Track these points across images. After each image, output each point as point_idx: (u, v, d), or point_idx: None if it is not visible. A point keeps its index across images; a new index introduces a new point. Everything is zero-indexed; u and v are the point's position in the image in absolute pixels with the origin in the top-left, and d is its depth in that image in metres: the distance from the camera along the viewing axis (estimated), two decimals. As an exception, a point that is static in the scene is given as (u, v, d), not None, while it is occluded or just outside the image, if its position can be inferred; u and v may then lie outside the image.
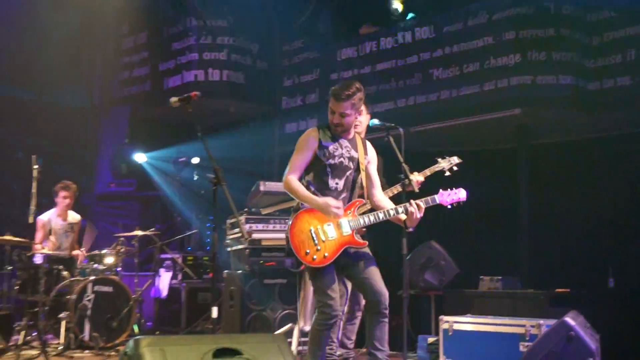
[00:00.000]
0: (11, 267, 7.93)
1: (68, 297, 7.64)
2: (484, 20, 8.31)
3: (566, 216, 8.46)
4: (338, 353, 5.90)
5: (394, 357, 7.14)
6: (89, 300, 7.62)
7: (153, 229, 9.15)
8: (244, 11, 10.27)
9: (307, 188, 4.92)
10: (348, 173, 4.98)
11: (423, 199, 4.98)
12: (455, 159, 5.91)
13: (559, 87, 7.92)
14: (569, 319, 5.17)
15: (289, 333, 7.09)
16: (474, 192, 8.02)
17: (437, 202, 5.04)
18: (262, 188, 7.35)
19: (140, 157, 11.36)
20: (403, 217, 4.95)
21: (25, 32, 10.74)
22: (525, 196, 8.37)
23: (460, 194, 5.13)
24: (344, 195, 4.95)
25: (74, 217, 8.77)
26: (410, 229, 5.01)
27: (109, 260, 8.15)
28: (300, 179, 4.95)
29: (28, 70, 10.77)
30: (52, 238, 8.49)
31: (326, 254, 4.72)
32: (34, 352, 6.81)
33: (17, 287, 7.84)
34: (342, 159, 4.94)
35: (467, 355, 6.73)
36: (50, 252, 8.05)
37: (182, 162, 10.58)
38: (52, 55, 10.76)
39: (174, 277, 9.48)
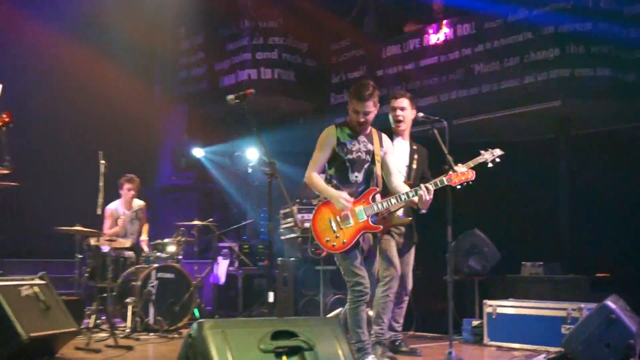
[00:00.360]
0: (81, 256, 8.07)
1: (134, 283, 7.72)
2: (524, 16, 8.18)
3: (605, 202, 8.30)
4: (387, 335, 5.89)
5: (440, 339, 7.12)
6: (153, 286, 7.69)
7: (211, 219, 9.23)
8: (293, 12, 10.27)
9: (330, 182, 5.09)
10: (366, 166, 5.09)
11: (432, 182, 5.10)
12: (498, 151, 5.82)
13: (597, 79, 7.76)
14: (609, 303, 5.09)
15: (339, 317, 7.11)
16: (516, 181, 7.99)
17: (446, 183, 5.12)
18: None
19: (198, 152, 11.47)
20: (417, 199, 5.04)
21: (92, 35, 10.92)
22: (566, 184, 8.24)
23: (468, 174, 5.15)
24: (363, 186, 5.08)
25: (138, 204, 8.86)
26: (423, 211, 5.24)
27: (171, 248, 8.24)
28: (323, 174, 5.13)
29: (94, 71, 10.94)
30: (119, 226, 8.60)
31: (344, 240, 4.91)
32: (104, 334, 6.88)
33: (87, 274, 7.97)
34: (359, 154, 5.06)
35: (510, 337, 6.69)
36: (115, 240, 8.16)
37: (237, 156, 10.67)
38: (117, 58, 10.94)
39: (231, 264, 9.55)
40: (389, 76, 9.55)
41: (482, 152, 5.81)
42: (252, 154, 10.66)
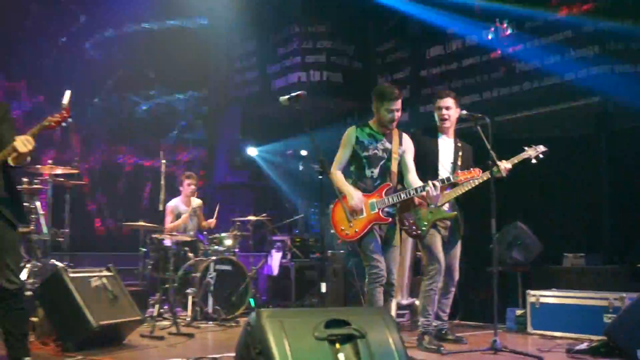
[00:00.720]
0: (145, 249, 8.18)
1: (193, 275, 7.78)
2: (564, 15, 8.01)
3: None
4: (434, 324, 5.83)
5: (484, 328, 7.04)
6: (211, 277, 7.74)
7: (264, 214, 9.27)
8: (340, 17, 10.24)
9: (350, 177, 5.33)
10: (382, 163, 5.29)
11: (439, 179, 5.28)
12: (542, 147, 5.73)
13: (637, 76, 7.55)
14: (651, 292, 4.97)
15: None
16: (557, 174, 7.83)
17: (452, 180, 5.30)
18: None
19: (252, 151, 11.53)
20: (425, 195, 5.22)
21: (152, 43, 11.08)
22: (606, 177, 8.05)
23: (474, 173, 5.26)
24: (378, 181, 5.28)
25: (196, 202, 8.95)
26: (432, 205, 5.54)
27: (228, 242, 8.31)
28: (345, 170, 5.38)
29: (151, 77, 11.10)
30: (181, 220, 8.70)
31: (356, 230, 5.18)
32: (167, 322, 6.97)
33: (150, 266, 8.07)
34: (376, 151, 5.28)
35: (552, 326, 6.58)
36: (177, 235, 8.25)
37: (289, 155, 10.69)
38: (175, 64, 11.09)
39: (284, 256, 9.57)
40: (433, 76, 9.45)
41: (526, 148, 5.73)
42: (302, 152, 10.67)
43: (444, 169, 5.85)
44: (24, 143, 4.10)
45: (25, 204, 7.13)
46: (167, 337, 6.31)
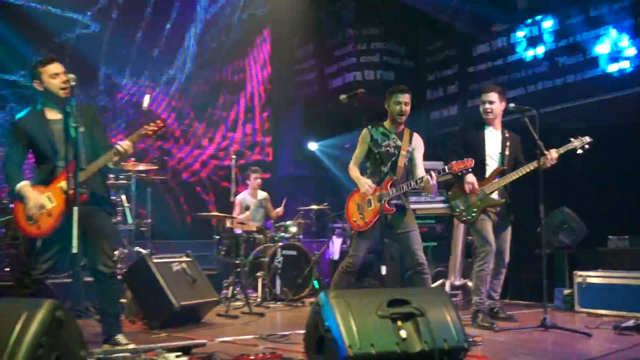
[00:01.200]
0: (218, 237, 8.31)
1: (262, 259, 7.87)
2: (605, 10, 7.79)
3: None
4: (487, 303, 5.78)
5: (532, 306, 6.94)
6: (278, 262, 7.81)
7: (325, 203, 9.30)
8: (392, 19, 10.18)
9: (365, 171, 5.46)
10: (393, 159, 5.35)
11: (436, 170, 5.17)
12: (587, 139, 5.60)
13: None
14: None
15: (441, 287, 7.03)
16: (601, 162, 7.64)
17: (447, 171, 5.21)
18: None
19: (312, 146, 11.57)
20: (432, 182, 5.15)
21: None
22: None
23: (467, 163, 5.14)
24: (389, 176, 5.32)
25: (262, 194, 9.05)
26: (433, 195, 5.75)
27: (293, 229, 8.37)
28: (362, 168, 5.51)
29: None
30: (247, 213, 8.81)
31: (366, 220, 5.30)
32: (239, 303, 7.07)
33: (223, 252, 8.19)
34: (388, 148, 5.36)
35: (599, 305, 6.45)
36: (246, 224, 8.36)
37: (347, 148, 10.66)
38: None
39: (344, 242, 9.57)
40: (480, 72, 9.31)
41: (572, 139, 5.61)
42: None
43: (492, 159, 5.79)
44: (125, 148, 4.27)
45: (112, 197, 7.36)
46: (241, 316, 6.40)
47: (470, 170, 5.28)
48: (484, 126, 5.89)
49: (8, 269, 6.91)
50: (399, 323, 3.30)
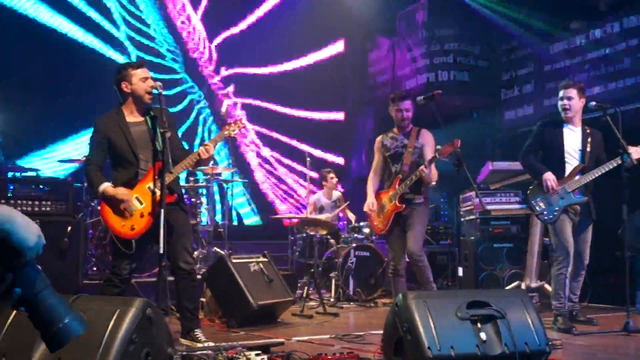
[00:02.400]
0: (292, 238, 8.40)
1: (336, 260, 7.89)
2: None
3: None
4: (566, 307, 5.63)
5: (613, 310, 6.70)
6: (352, 262, 7.82)
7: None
8: (466, 19, 10.04)
9: (382, 174, 5.82)
10: (402, 157, 5.62)
11: (428, 160, 5.37)
12: None
13: None
14: None
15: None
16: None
17: (438, 157, 5.29)
18: (490, 167, 7.18)
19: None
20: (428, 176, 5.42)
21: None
22: None
23: (455, 143, 5.18)
24: (398, 174, 5.60)
25: (336, 194, 9.09)
26: (433, 183, 5.62)
27: (366, 230, 8.37)
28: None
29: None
30: (322, 213, 8.85)
31: (384, 222, 5.65)
32: (314, 303, 7.13)
33: (297, 253, 8.27)
34: (397, 149, 5.65)
35: (685, 308, 6.16)
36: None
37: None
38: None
39: (416, 243, 9.49)
40: (557, 70, 9.06)
41: None
42: (438, 146, 10.56)
43: (572, 157, 5.64)
44: (207, 151, 4.36)
45: (192, 199, 7.55)
46: (315, 316, 6.44)
47: (458, 150, 5.23)
48: (562, 124, 5.73)
49: (95, 269, 7.20)
50: (479, 325, 3.26)
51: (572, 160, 5.63)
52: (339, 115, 12.09)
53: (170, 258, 4.47)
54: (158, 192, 4.11)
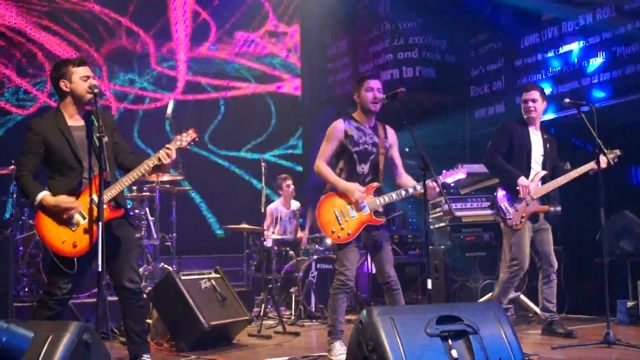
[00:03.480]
0: (247, 251, 8.36)
1: (296, 274, 7.88)
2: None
3: None
4: (544, 316, 5.82)
5: (593, 321, 6.83)
6: (313, 276, 7.80)
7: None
8: (431, 11, 10.14)
9: (339, 174, 5.05)
10: (372, 157, 5.05)
11: (433, 179, 4.80)
12: (617, 152, 5.64)
13: None
14: None
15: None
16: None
17: (442, 180, 5.00)
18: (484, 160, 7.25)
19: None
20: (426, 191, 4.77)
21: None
22: None
23: (459, 175, 5.05)
24: (369, 177, 5.05)
25: (295, 204, 9.08)
26: (431, 201, 5.24)
27: (328, 241, 8.36)
28: (330, 166, 5.09)
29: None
30: (278, 224, 8.84)
31: (349, 232, 4.89)
32: (272, 322, 7.09)
33: (253, 267, 8.23)
34: (366, 146, 5.02)
35: (668, 318, 6.32)
36: (278, 237, 8.39)
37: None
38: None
39: (382, 253, 9.54)
40: (528, 65, 9.21)
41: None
42: (406, 149, 10.63)
43: (536, 162, 5.88)
44: (168, 155, 4.24)
45: (136, 210, 7.46)
46: (274, 336, 6.41)
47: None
48: (527, 126, 5.93)
49: (27, 289, 7.05)
50: (450, 342, 3.28)
51: (536, 165, 5.87)
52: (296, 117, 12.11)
53: (114, 276, 4.38)
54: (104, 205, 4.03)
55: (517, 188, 5.70)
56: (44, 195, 4.13)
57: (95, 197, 4.08)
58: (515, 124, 6.00)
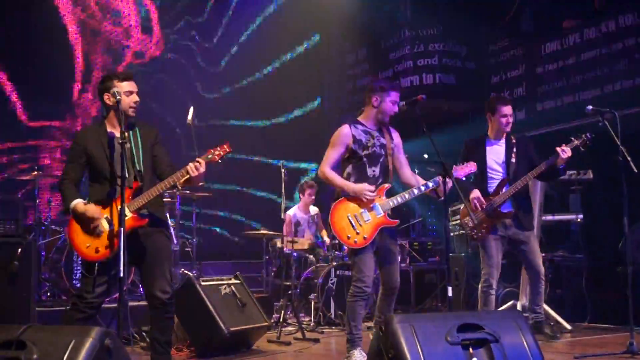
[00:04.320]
0: (267, 257, 8.36)
1: (315, 280, 7.84)
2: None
3: None
4: (530, 317, 6.02)
5: (615, 330, 6.74)
6: (332, 283, 7.75)
7: (383, 219, 9.25)
8: (452, 18, 10.13)
9: (348, 178, 5.01)
10: (381, 160, 5.05)
11: (444, 175, 4.78)
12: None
13: None
14: None
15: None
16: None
17: (455, 175, 4.91)
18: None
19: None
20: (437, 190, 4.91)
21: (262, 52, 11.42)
22: None
23: (470, 167, 5.08)
24: (380, 180, 5.03)
25: (314, 210, 9.07)
26: (442, 198, 4.92)
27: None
28: (336, 171, 5.05)
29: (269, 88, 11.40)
30: (298, 231, 8.83)
31: (365, 236, 4.85)
32: (292, 328, 7.08)
33: (273, 273, 8.23)
34: (375, 148, 5.01)
35: (692, 327, 6.21)
36: (295, 250, 8.39)
37: (406, 159, 10.62)
38: (288, 72, 11.39)
39: (402, 260, 9.50)
40: (549, 72, 9.16)
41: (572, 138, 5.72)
42: (425, 156, 10.60)
43: (495, 171, 5.98)
44: (197, 168, 4.25)
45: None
46: (293, 343, 6.40)
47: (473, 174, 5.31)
48: (485, 140, 6.10)
49: (50, 294, 7.10)
50: (471, 350, 3.25)
51: (496, 174, 5.96)
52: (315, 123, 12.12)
53: (146, 285, 4.44)
54: (128, 214, 4.14)
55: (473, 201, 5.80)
56: (76, 203, 4.27)
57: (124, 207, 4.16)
58: (473, 140, 6.20)
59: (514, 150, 5.98)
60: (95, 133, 4.42)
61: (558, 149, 5.62)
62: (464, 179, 5.31)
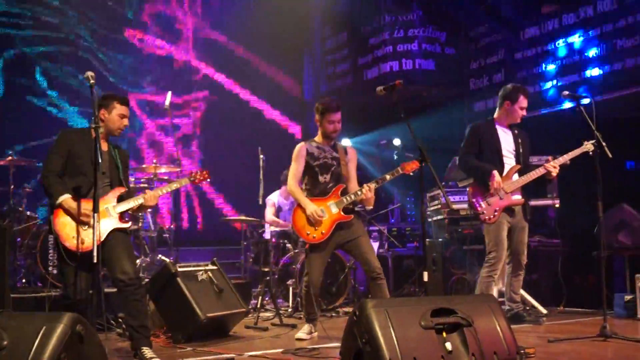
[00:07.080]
0: (245, 243, 8.36)
1: (293, 266, 7.87)
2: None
3: None
4: (507, 308, 6.08)
5: (590, 314, 6.84)
6: (310, 268, 7.81)
7: (360, 205, 9.26)
8: (431, 3, 10.13)
9: (307, 183, 5.78)
10: (332, 169, 5.74)
11: (384, 176, 5.60)
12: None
13: None
14: None
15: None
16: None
17: (401, 172, 5.47)
18: (458, 163, 7.25)
19: (345, 142, 11.55)
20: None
21: (243, 38, 11.34)
22: None
23: (416, 164, 5.30)
24: (331, 184, 5.71)
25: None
26: (369, 207, 5.99)
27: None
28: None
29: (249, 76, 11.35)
30: (280, 215, 8.83)
31: (323, 231, 5.56)
32: (269, 314, 7.10)
33: (251, 259, 8.23)
34: (326, 160, 5.75)
35: (664, 311, 6.33)
36: (279, 229, 8.40)
37: (383, 145, 10.64)
38: (269, 58, 11.34)
39: (380, 246, 9.54)
40: (528, 58, 9.21)
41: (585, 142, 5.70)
42: (398, 141, 10.63)
43: (509, 158, 6.07)
44: (149, 200, 4.73)
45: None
46: (271, 328, 6.41)
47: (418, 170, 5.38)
48: (494, 125, 6.12)
49: (25, 281, 7.05)
50: (444, 334, 3.28)
51: (509, 160, 6.05)
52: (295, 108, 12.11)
53: (109, 269, 4.57)
54: (115, 216, 4.60)
55: (489, 182, 5.85)
56: (65, 198, 4.48)
57: (109, 206, 4.62)
58: (483, 124, 6.19)
59: (519, 141, 6.11)
60: (80, 134, 4.75)
61: (548, 167, 5.79)
62: (411, 173, 5.44)
